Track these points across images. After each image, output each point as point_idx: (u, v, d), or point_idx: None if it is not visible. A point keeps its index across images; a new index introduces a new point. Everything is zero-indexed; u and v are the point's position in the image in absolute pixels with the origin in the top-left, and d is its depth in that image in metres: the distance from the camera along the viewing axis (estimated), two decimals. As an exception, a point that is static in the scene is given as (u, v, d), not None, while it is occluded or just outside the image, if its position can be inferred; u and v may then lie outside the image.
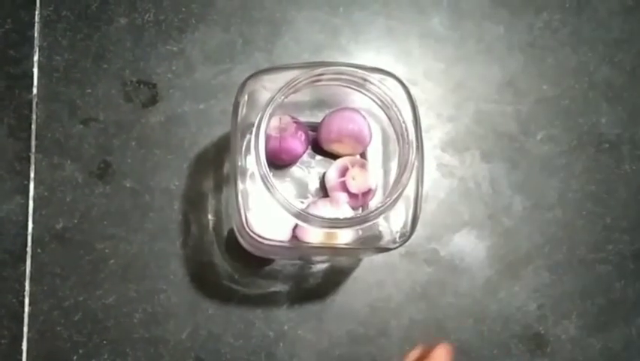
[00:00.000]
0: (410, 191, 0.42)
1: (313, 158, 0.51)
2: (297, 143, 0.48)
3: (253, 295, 0.54)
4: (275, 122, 0.47)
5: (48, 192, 0.53)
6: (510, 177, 0.57)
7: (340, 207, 0.48)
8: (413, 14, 0.58)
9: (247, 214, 0.42)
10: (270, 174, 0.39)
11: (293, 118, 0.48)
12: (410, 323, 0.55)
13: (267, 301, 0.54)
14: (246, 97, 0.42)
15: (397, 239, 0.43)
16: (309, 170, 0.51)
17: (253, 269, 0.54)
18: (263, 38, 0.56)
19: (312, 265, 0.55)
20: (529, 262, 0.56)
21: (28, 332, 0.52)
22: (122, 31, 0.55)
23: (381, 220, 0.41)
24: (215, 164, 0.55)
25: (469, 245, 0.56)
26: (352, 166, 0.48)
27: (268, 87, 0.42)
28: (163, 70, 0.55)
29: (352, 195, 0.48)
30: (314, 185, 0.51)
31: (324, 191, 0.50)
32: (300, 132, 0.48)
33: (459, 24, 0.59)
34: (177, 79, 0.55)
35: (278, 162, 0.49)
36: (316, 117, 0.50)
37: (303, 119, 0.49)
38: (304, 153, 0.50)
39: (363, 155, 0.51)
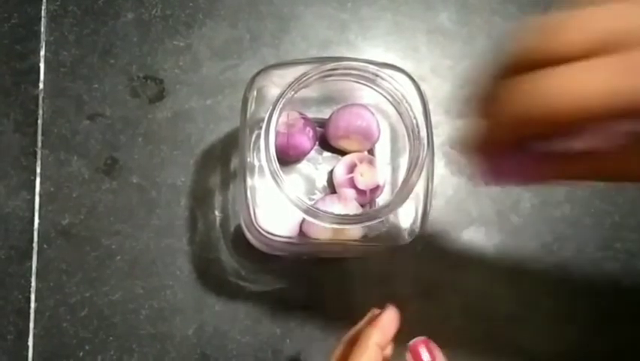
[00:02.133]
0: (420, 188, 0.42)
1: (321, 154, 0.51)
2: (304, 139, 0.48)
3: (260, 292, 0.54)
4: (283, 118, 0.47)
5: (54, 187, 0.53)
6: (518, 174, 0.57)
7: (348, 204, 0.47)
8: (421, 10, 0.58)
9: (255, 210, 0.42)
10: (280, 170, 0.39)
11: (301, 114, 0.48)
12: (416, 320, 0.55)
13: (274, 297, 0.54)
14: (255, 92, 0.42)
15: (406, 236, 0.43)
16: (317, 166, 0.51)
17: (260, 266, 0.54)
18: (270, 34, 0.56)
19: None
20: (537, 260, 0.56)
21: (34, 328, 0.52)
22: (129, 26, 0.55)
23: (390, 217, 0.41)
24: (222, 160, 0.54)
25: (477, 242, 0.56)
26: (360, 163, 0.48)
27: (277, 83, 0.41)
28: (170, 65, 0.55)
29: (360, 192, 0.48)
30: (321, 181, 0.51)
31: (331, 187, 0.50)
32: (307, 128, 0.48)
33: (467, 20, 0.58)
34: (184, 74, 0.55)
35: (285, 158, 0.49)
36: (323, 113, 0.50)
37: (310, 115, 0.49)
38: (312, 149, 0.50)
39: (371, 151, 0.50)
